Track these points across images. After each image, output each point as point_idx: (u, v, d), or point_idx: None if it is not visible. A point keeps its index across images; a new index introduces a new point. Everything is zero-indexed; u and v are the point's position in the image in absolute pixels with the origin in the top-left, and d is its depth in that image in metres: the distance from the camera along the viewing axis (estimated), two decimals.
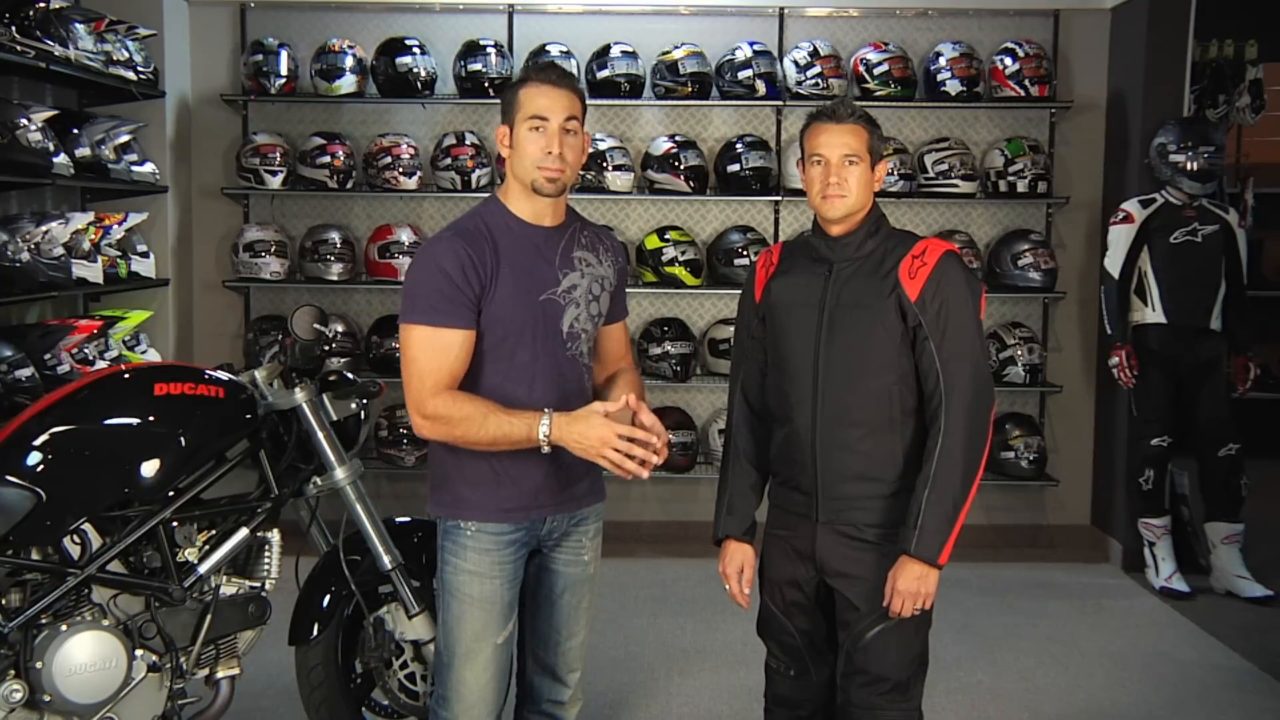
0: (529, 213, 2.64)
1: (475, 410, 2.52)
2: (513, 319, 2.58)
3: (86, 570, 2.82)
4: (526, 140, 2.58)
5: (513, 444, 2.53)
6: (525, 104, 2.59)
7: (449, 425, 2.53)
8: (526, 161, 2.58)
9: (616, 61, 5.56)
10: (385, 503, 5.21)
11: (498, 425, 2.51)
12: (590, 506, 2.78)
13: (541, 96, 2.58)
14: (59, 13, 4.36)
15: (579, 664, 2.86)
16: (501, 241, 2.59)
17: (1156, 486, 5.24)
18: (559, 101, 2.58)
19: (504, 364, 2.60)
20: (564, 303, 2.64)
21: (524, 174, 2.60)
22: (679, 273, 5.60)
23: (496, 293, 2.56)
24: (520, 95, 2.61)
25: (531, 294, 2.60)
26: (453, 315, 2.53)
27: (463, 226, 2.62)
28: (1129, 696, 4.13)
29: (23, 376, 4.07)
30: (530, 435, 2.50)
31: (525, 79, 2.64)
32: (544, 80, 2.61)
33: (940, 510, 2.55)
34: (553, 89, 2.59)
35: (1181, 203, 5.19)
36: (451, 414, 2.52)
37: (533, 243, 2.63)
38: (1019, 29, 5.78)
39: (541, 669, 2.84)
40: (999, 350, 5.68)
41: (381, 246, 5.58)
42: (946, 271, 2.61)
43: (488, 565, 2.65)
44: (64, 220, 4.47)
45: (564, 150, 2.57)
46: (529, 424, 2.50)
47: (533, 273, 2.61)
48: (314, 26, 5.78)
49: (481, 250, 2.56)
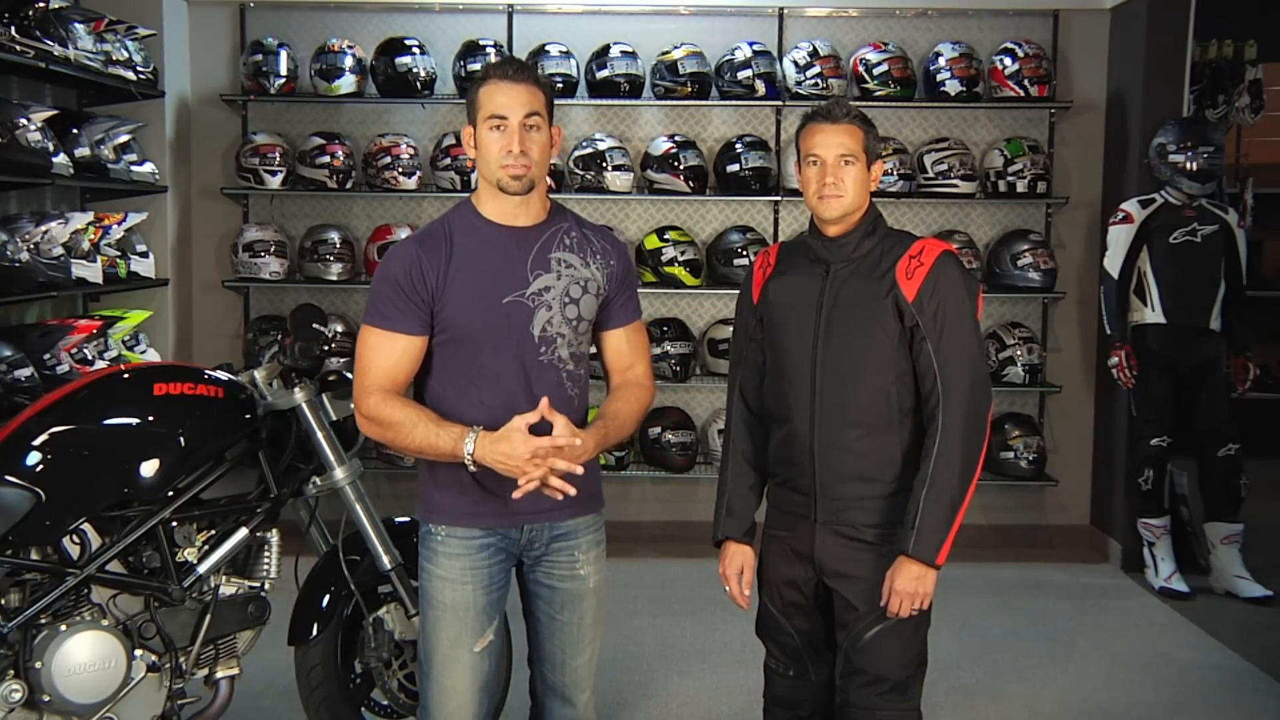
0: (498, 213, 2.59)
1: (405, 417, 2.50)
2: (469, 320, 2.53)
3: (86, 570, 2.82)
4: (488, 140, 2.53)
5: (439, 455, 2.50)
6: (484, 103, 2.53)
7: (380, 427, 2.52)
8: (490, 162, 2.53)
9: (616, 61, 5.56)
10: (384, 503, 5.21)
11: (424, 435, 2.48)
12: (579, 518, 2.66)
13: (500, 94, 2.51)
14: (58, 12, 4.36)
15: (588, 684, 2.74)
16: (462, 243, 2.55)
17: (1156, 486, 5.24)
18: (517, 98, 2.50)
19: (466, 366, 2.55)
20: (533, 305, 2.56)
21: (489, 174, 2.55)
22: (678, 273, 5.60)
23: (450, 295, 2.52)
24: (480, 94, 2.54)
25: (494, 296, 2.54)
26: (396, 320, 2.52)
27: (426, 230, 2.61)
28: (1128, 696, 4.13)
29: (22, 376, 4.07)
30: (455, 451, 2.46)
31: (484, 76, 2.56)
32: (501, 76, 2.52)
33: (938, 510, 2.55)
34: (510, 85, 2.51)
35: (1181, 203, 5.19)
36: (382, 416, 2.51)
37: (500, 244, 2.57)
38: (1018, 29, 5.78)
39: (549, 690, 2.75)
40: (998, 350, 5.68)
41: (381, 246, 5.58)
42: (943, 271, 2.61)
43: (458, 570, 2.59)
44: (63, 220, 4.47)
45: (527, 147, 2.51)
46: (455, 439, 2.46)
47: (497, 274, 2.55)
48: (313, 26, 5.78)
49: (435, 253, 2.53)
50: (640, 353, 2.78)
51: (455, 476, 2.57)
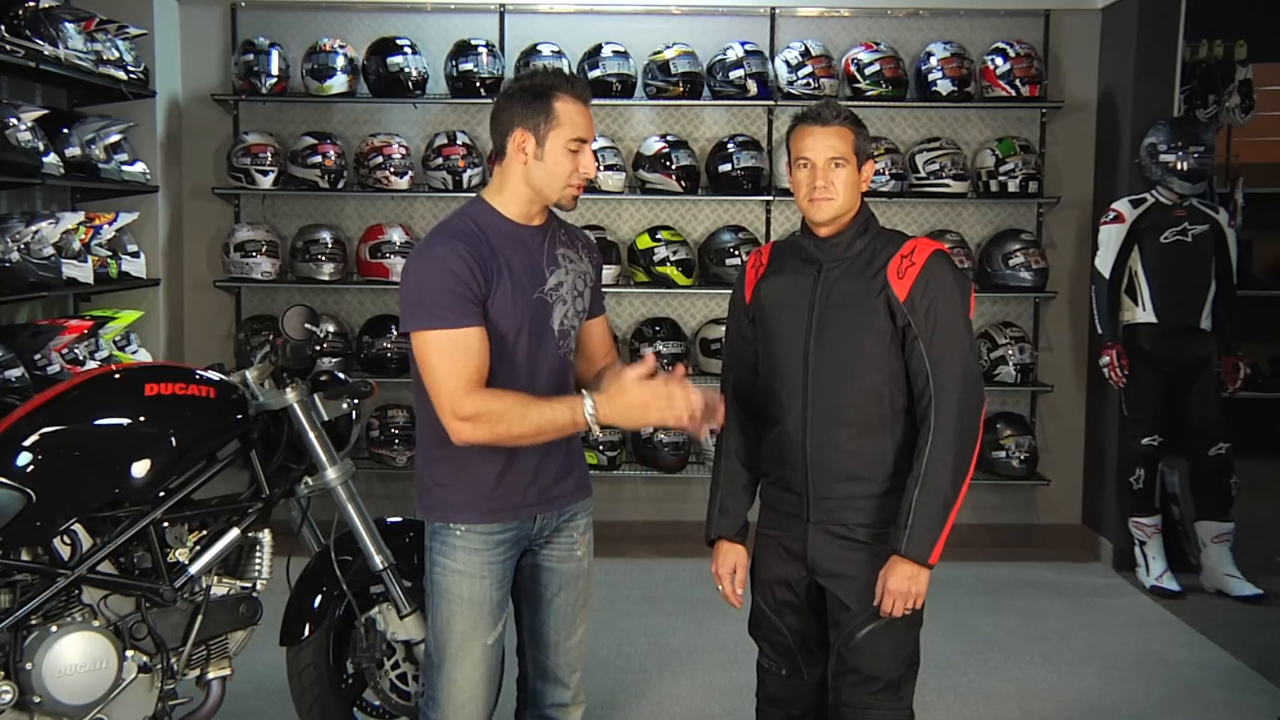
0: (519, 214, 2.63)
1: (514, 403, 2.48)
2: (511, 318, 2.56)
3: (77, 571, 2.81)
4: (562, 158, 2.55)
5: (558, 431, 2.49)
6: (564, 121, 2.53)
7: (491, 422, 2.46)
8: (558, 179, 2.56)
9: (608, 61, 5.56)
10: (377, 503, 5.19)
11: (540, 414, 2.47)
12: (579, 502, 2.77)
13: (581, 116, 2.56)
14: (49, 12, 4.35)
15: (579, 664, 2.84)
16: (495, 242, 2.57)
17: (1147, 485, 5.25)
18: (591, 121, 2.59)
19: (504, 364, 2.57)
20: (552, 300, 2.64)
21: (547, 188, 2.58)
22: (670, 272, 5.60)
23: (497, 292, 2.54)
24: (557, 109, 2.53)
25: (527, 293, 2.59)
26: (467, 314, 2.49)
27: (456, 229, 2.57)
28: (1120, 695, 4.14)
29: (12, 377, 4.06)
30: (576, 419, 2.47)
31: (558, 89, 2.55)
32: (582, 99, 2.57)
33: (931, 510, 2.56)
34: (586, 109, 2.57)
35: (1172, 202, 5.20)
36: (491, 410, 2.46)
37: (525, 242, 2.62)
38: (1010, 29, 5.80)
39: (541, 674, 2.81)
40: (990, 350, 5.69)
41: (373, 246, 5.57)
42: (935, 271, 2.62)
43: (477, 565, 2.63)
44: (54, 220, 4.46)
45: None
46: (572, 408, 2.47)
47: (526, 271, 2.60)
48: (305, 26, 5.77)
49: (480, 250, 2.54)
50: (612, 341, 2.92)
51: (476, 476, 2.61)
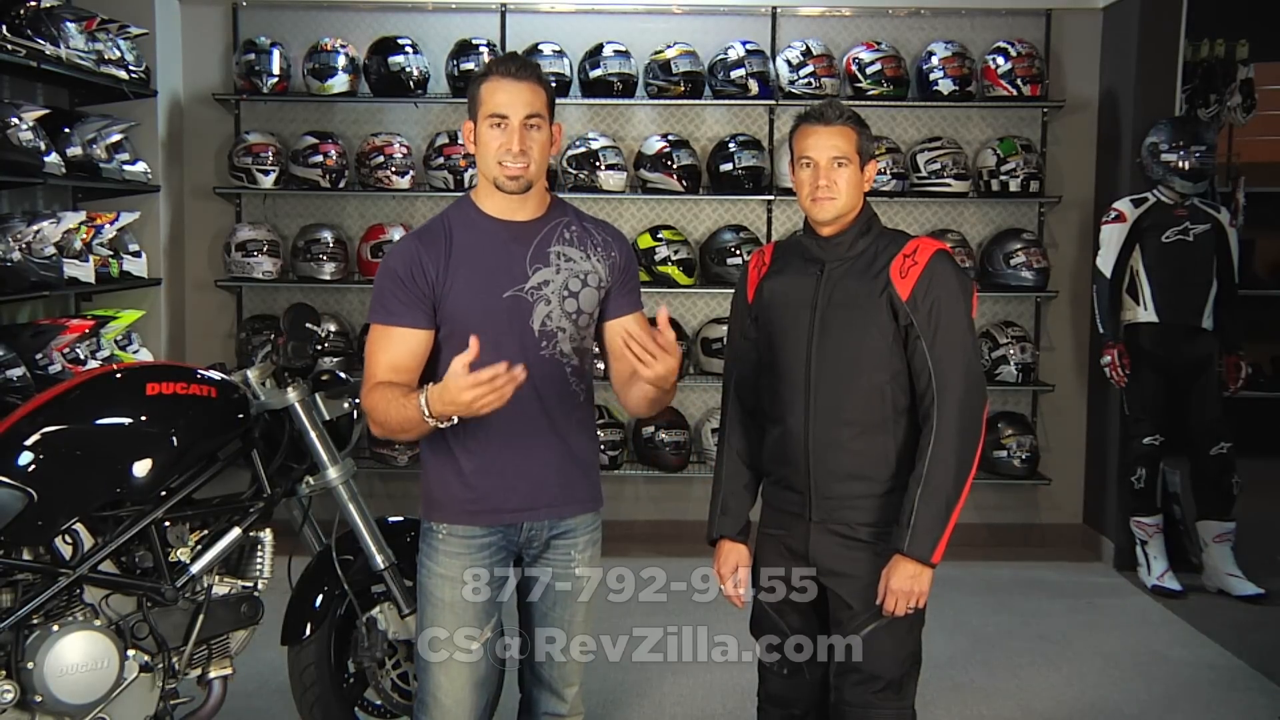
0: (497, 208, 2.60)
1: (380, 399, 2.48)
2: (470, 314, 2.53)
3: (78, 570, 2.81)
4: (488, 138, 2.52)
5: (417, 424, 2.42)
6: (486, 100, 2.52)
7: (374, 418, 2.52)
8: (489, 159, 2.53)
9: (609, 61, 5.56)
10: (378, 502, 5.18)
11: (399, 409, 2.44)
12: (576, 516, 2.68)
13: (501, 92, 2.50)
14: (50, 11, 4.35)
15: (576, 679, 2.78)
16: (461, 238, 2.56)
17: (1148, 485, 5.25)
18: (519, 96, 2.50)
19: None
20: (532, 299, 2.56)
21: (488, 171, 2.56)
22: (672, 272, 5.60)
23: (450, 289, 2.53)
24: (481, 90, 2.53)
25: (493, 290, 2.55)
26: (398, 313, 2.53)
27: (425, 226, 2.63)
28: (1121, 694, 4.14)
29: (14, 376, 4.06)
30: (419, 415, 2.40)
31: (486, 73, 2.55)
32: (504, 74, 2.51)
33: (933, 509, 2.56)
34: (512, 83, 2.50)
35: (1173, 202, 5.20)
36: (374, 405, 2.50)
37: (499, 239, 2.58)
38: (1011, 28, 5.79)
39: (538, 681, 2.78)
40: (991, 349, 5.69)
41: (374, 246, 5.57)
42: (937, 270, 2.61)
43: (458, 569, 2.61)
44: (55, 220, 4.46)
45: (527, 146, 2.51)
46: (416, 405, 2.40)
47: (496, 269, 2.56)
48: (306, 26, 5.77)
49: (435, 248, 2.54)
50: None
51: (454, 475, 2.59)
